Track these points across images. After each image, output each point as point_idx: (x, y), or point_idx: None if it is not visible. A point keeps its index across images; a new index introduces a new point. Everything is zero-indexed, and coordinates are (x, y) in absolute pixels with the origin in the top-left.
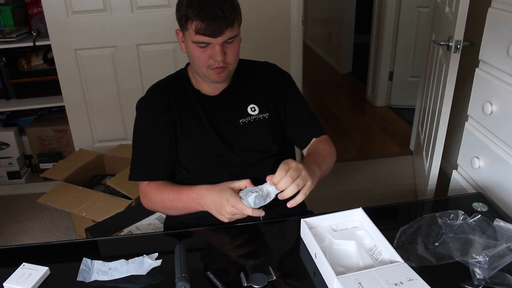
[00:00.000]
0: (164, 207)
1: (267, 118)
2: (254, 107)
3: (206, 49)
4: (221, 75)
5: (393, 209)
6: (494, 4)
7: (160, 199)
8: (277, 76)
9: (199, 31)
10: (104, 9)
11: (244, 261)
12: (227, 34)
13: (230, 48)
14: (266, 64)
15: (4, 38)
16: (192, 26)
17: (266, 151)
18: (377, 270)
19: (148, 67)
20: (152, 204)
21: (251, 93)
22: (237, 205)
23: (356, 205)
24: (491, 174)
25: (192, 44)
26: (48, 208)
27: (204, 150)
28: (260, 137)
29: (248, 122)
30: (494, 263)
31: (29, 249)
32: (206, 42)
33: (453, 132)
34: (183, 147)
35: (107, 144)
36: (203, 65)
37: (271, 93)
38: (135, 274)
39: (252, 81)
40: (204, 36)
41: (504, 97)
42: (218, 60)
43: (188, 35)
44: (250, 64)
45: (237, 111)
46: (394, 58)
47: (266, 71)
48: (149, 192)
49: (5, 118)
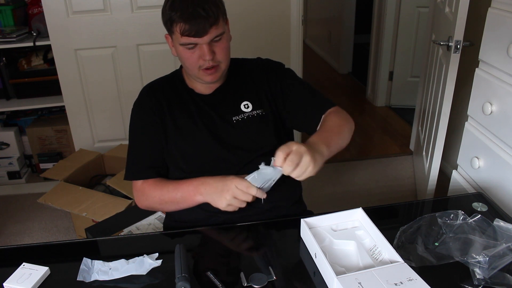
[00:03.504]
0: (162, 201)
1: (261, 114)
2: (247, 104)
3: (194, 50)
4: (214, 75)
5: (393, 209)
6: (494, 4)
7: (158, 193)
8: (269, 69)
9: (184, 32)
10: (104, 9)
11: (244, 261)
12: (212, 32)
13: (218, 46)
14: (258, 60)
15: (4, 38)
16: (177, 29)
17: (261, 148)
18: (377, 270)
19: (148, 67)
20: (149, 200)
21: (244, 90)
22: (241, 183)
23: (356, 205)
24: (491, 174)
25: (181, 46)
26: (48, 208)
27: (198, 149)
28: (254, 134)
29: (242, 120)
30: (494, 263)
31: (29, 249)
32: (193, 43)
33: (453, 132)
34: (177, 147)
35: (107, 144)
36: (194, 67)
37: (265, 88)
38: (135, 274)
39: (245, 78)
40: (190, 37)
41: (504, 97)
42: (207, 59)
43: (175, 38)
44: (243, 62)
45: (230, 108)
46: (394, 58)
47: (258, 67)
48: (147, 188)
49: (5, 118)
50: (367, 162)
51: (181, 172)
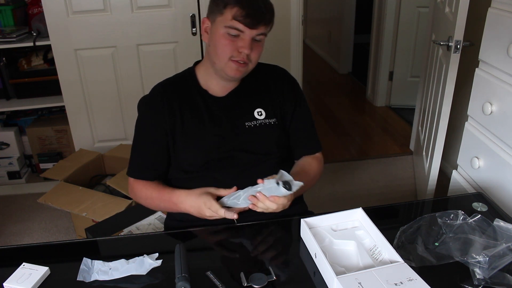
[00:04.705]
0: (148, 204)
1: (273, 124)
2: (261, 111)
3: (234, 39)
4: (240, 70)
5: (393, 209)
6: (494, 4)
7: (144, 196)
8: (287, 83)
9: (237, 17)
10: (104, 9)
11: (244, 261)
12: (260, 29)
13: (256, 46)
14: (277, 69)
15: (4, 38)
16: (230, 11)
17: (267, 155)
18: (377, 270)
19: (148, 67)
20: (137, 199)
21: (259, 97)
22: (212, 207)
23: (356, 205)
24: (491, 174)
25: (222, 30)
26: (48, 208)
27: (201, 151)
28: (264, 142)
29: (254, 126)
30: (494, 263)
31: (29, 249)
32: (240, 31)
33: (453, 132)
34: (181, 147)
35: (107, 144)
36: (226, 55)
37: (280, 99)
38: (135, 274)
39: (261, 84)
40: (241, 23)
41: (504, 97)
42: (244, 53)
43: (220, 20)
44: (260, 67)
45: (243, 114)
46: (394, 58)
47: (277, 76)
48: (135, 188)
49: (5, 118)
50: (367, 162)
51: (182, 173)
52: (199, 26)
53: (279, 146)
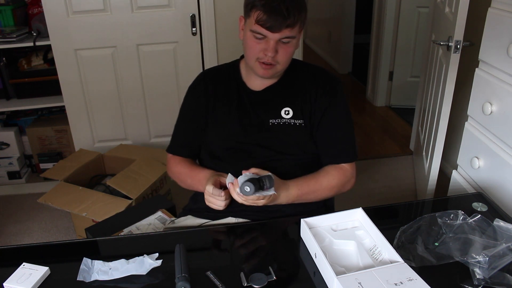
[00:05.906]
0: (179, 179)
1: (298, 125)
2: (288, 110)
3: (260, 41)
4: (267, 71)
5: (393, 209)
6: (494, 4)
7: (178, 171)
8: (322, 87)
9: (259, 21)
10: (104, 9)
11: (244, 261)
12: (284, 33)
13: (283, 48)
14: (317, 69)
15: (4, 38)
16: (254, 15)
17: (283, 154)
18: (377, 270)
19: (148, 67)
20: (171, 174)
21: (291, 96)
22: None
23: (356, 205)
24: (491, 174)
25: (249, 32)
26: (48, 208)
27: (222, 137)
28: (283, 141)
29: (278, 124)
30: (494, 263)
31: (29, 249)
32: (263, 35)
33: (453, 132)
34: (208, 130)
35: (107, 144)
36: (253, 56)
37: (311, 102)
38: (135, 274)
39: (297, 84)
40: (262, 28)
41: (504, 97)
42: (268, 55)
43: (249, 22)
44: (302, 66)
45: (270, 110)
46: (394, 58)
47: (314, 78)
48: (171, 163)
49: (5, 118)
50: (367, 162)
51: (207, 157)
52: (199, 26)
53: (301, 148)
